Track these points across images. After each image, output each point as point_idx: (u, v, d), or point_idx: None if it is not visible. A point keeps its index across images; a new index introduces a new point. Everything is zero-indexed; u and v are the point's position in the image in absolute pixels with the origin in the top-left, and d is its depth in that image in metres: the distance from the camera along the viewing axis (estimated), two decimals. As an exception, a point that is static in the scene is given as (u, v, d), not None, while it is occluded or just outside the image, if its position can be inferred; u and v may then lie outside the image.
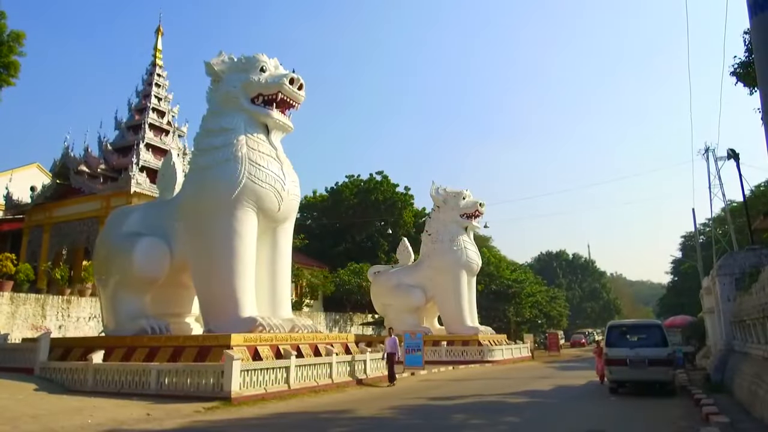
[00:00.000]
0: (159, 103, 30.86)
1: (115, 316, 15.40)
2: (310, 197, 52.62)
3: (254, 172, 14.55)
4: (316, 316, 36.22)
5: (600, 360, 15.76)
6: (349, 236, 50.20)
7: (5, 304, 21.49)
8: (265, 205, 14.75)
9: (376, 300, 31.15)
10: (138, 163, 26.52)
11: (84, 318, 23.71)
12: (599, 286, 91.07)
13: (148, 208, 17.20)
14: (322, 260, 45.44)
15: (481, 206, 29.75)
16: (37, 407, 10.62)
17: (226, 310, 14.01)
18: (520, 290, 43.66)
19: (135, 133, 29.39)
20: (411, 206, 52.05)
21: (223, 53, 16.01)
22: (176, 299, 16.75)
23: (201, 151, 15.27)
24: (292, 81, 15.16)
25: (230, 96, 15.23)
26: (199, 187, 14.80)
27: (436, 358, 25.72)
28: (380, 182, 51.10)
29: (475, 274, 30.17)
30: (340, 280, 39.87)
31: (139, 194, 25.30)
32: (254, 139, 15.05)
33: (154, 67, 31.80)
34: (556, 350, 38.41)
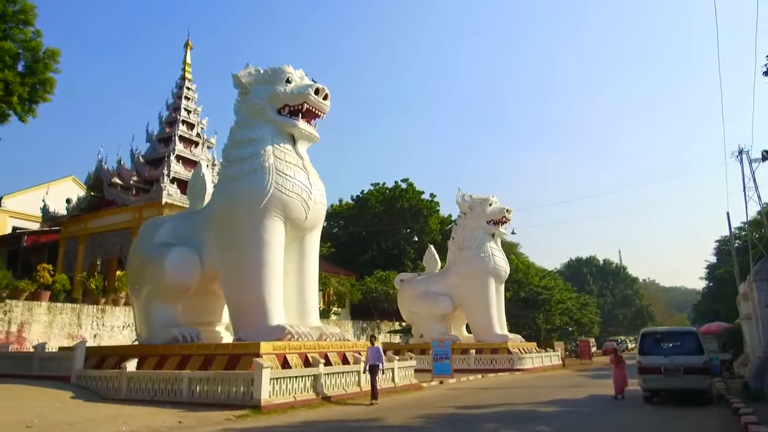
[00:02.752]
0: (188, 116, 31.51)
1: (147, 324, 15.71)
2: (336, 206, 52.95)
3: (281, 182, 14.73)
4: (343, 324, 36.32)
5: (618, 370, 14.70)
6: (375, 244, 50.29)
7: (43, 314, 22.13)
8: (292, 214, 14.90)
9: (403, 308, 31.10)
10: (169, 174, 27.07)
11: (118, 327, 24.25)
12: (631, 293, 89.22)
13: (178, 219, 17.55)
14: (349, 268, 45.60)
15: (508, 212, 29.51)
16: (74, 415, 10.89)
17: (256, 318, 14.17)
18: (549, 297, 43.05)
19: (166, 146, 30.06)
20: (437, 213, 51.92)
21: (249, 65, 16.30)
22: (207, 308, 17.01)
23: (229, 162, 15.54)
24: (317, 91, 15.33)
25: (257, 107, 15.47)
26: (228, 198, 15.05)
27: (464, 366, 25.51)
28: (405, 190, 51.14)
29: (503, 281, 29.89)
30: (367, 287, 39.93)
31: (170, 205, 25.82)
32: (281, 150, 15.24)
33: (183, 81, 32.52)
34: (587, 358, 37.72)
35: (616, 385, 14.63)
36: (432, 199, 51.85)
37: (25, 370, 16.06)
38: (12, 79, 23.74)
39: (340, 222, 53.23)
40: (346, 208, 53.32)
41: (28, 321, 21.65)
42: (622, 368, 14.72)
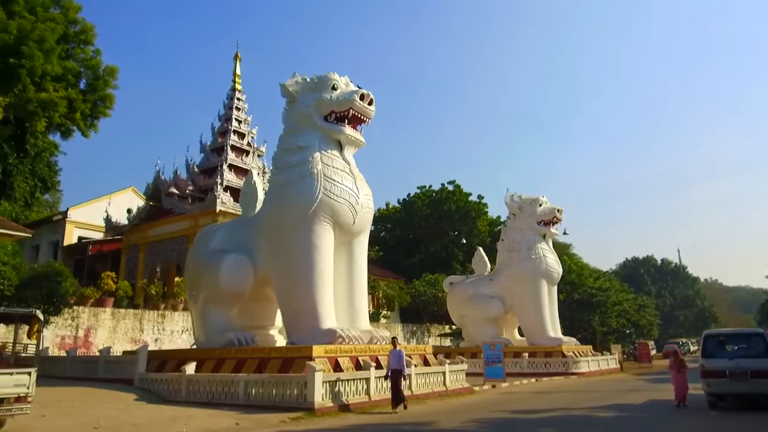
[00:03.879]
0: (239, 126, 32.43)
1: (204, 329, 16.24)
2: (383, 209, 53.20)
3: (329, 188, 14.94)
4: (393, 327, 36.40)
5: (678, 375, 13.58)
6: (423, 247, 50.20)
7: (107, 319, 23.22)
8: (340, 219, 15.09)
9: (453, 311, 30.88)
10: (222, 183, 27.92)
11: (177, 331, 25.16)
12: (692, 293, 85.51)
13: (232, 226, 18.07)
14: (397, 271, 45.68)
15: (559, 212, 28.86)
16: (137, 416, 11.38)
17: (307, 322, 14.40)
18: (605, 299, 41.78)
19: (218, 155, 31.03)
20: (485, 215, 51.34)
21: (296, 74, 16.63)
22: (260, 312, 17.42)
23: (279, 170, 15.89)
24: (362, 97, 15.48)
25: (304, 115, 15.77)
26: (278, 204, 15.39)
27: (517, 370, 25.09)
28: (452, 192, 50.83)
29: (555, 282, 29.23)
30: (416, 291, 39.88)
31: (224, 213, 26.61)
32: (328, 156, 15.46)
33: (233, 92, 33.51)
34: (647, 361, 36.39)
35: (677, 392, 13.57)
36: (480, 201, 51.33)
37: (91, 373, 16.89)
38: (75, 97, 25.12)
39: (388, 226, 53.42)
40: (393, 212, 53.48)
41: (94, 326, 22.76)
42: (684, 373, 13.82)
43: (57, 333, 21.60)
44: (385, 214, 53.13)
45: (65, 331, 21.95)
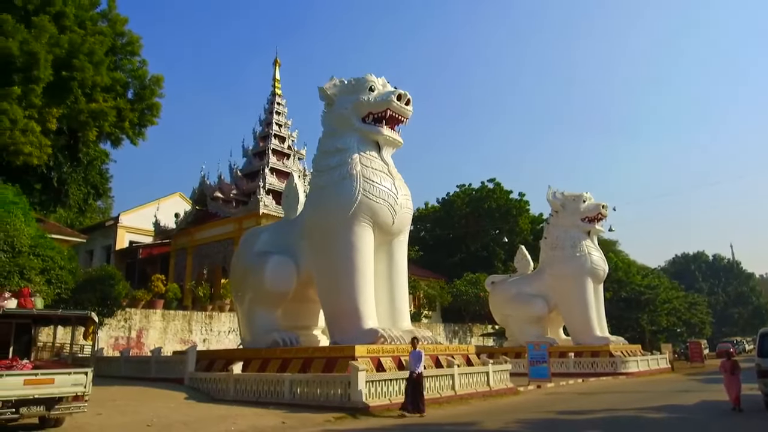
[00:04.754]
0: (280, 130, 33.02)
1: (250, 329, 16.62)
2: (422, 209, 53.11)
3: (369, 189, 15.05)
4: (435, 327, 36.32)
5: (732, 378, 12.64)
6: (463, 246, 49.87)
7: (158, 321, 24.03)
8: (380, 219, 15.18)
9: (496, 310, 30.56)
10: (264, 186, 28.48)
11: (224, 332, 25.82)
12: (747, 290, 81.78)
13: (275, 228, 18.42)
14: (438, 271, 45.54)
15: (604, 208, 28.17)
16: (187, 415, 11.75)
17: (349, 322, 14.55)
18: (653, 297, 40.54)
19: (260, 159, 31.67)
20: (527, 213, 50.61)
21: (334, 78, 16.82)
22: (304, 313, 17.71)
23: (319, 172, 16.12)
24: (399, 97, 15.53)
25: (343, 117, 15.93)
26: (319, 206, 15.60)
27: (563, 371, 24.62)
28: (492, 190, 50.31)
29: (601, 280, 28.54)
30: (457, 290, 39.66)
31: (267, 215, 27.14)
32: (367, 157, 15.58)
33: (273, 97, 34.14)
34: (699, 361, 35.08)
35: (730, 396, 12.69)
36: (521, 198, 50.63)
37: (144, 373, 17.53)
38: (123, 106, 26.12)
39: (427, 225, 53.31)
40: (433, 211, 53.34)
41: (145, 327, 23.61)
42: (737, 375, 12.72)
43: (111, 334, 22.51)
44: (424, 213, 53.04)
45: (119, 332, 22.85)
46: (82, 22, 24.23)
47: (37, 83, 20.83)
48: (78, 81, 22.48)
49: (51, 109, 22.51)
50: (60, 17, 22.99)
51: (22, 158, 21.39)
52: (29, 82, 20.64)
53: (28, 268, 15.63)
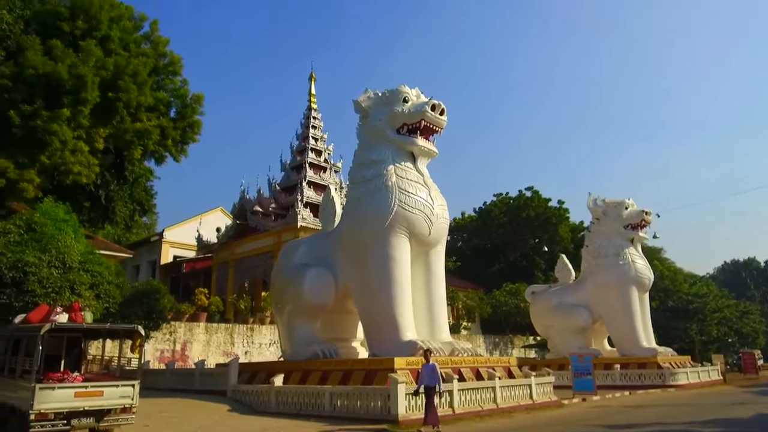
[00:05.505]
0: (316, 143, 33.47)
1: (290, 341, 16.78)
2: (459, 219, 52.75)
3: (404, 200, 15.07)
4: (474, 339, 35.88)
5: None
6: (502, 256, 49.24)
7: (201, 333, 24.52)
8: (416, 230, 15.15)
9: (537, 321, 29.98)
10: (302, 199, 28.86)
11: (265, 344, 26.14)
12: (804, 297, 77.95)
13: (313, 241, 18.62)
14: (477, 282, 45.03)
15: (647, 215, 27.38)
16: (231, 426, 11.93)
17: (388, 334, 14.52)
18: (702, 305, 39.02)
19: (298, 173, 32.14)
20: (567, 221, 49.66)
21: (368, 90, 16.97)
22: (343, 325, 17.78)
23: (355, 184, 16.24)
24: (433, 107, 15.53)
25: (377, 129, 16.04)
26: (355, 218, 15.70)
27: (609, 383, 23.92)
28: (531, 198, 49.61)
29: (647, 289, 27.68)
30: (497, 301, 39.10)
31: (305, 228, 27.46)
32: (402, 168, 15.62)
33: (309, 111, 34.67)
34: (753, 372, 33.54)
35: None
36: (560, 207, 49.74)
37: (188, 385, 17.89)
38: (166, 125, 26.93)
39: (464, 235, 52.90)
40: (470, 221, 52.92)
41: (189, 340, 24.12)
42: None
43: (156, 347, 23.07)
44: (461, 223, 52.66)
45: (164, 345, 23.40)
46: (127, 44, 25.18)
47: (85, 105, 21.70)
48: (123, 102, 23.31)
49: (98, 129, 23.41)
50: (105, 41, 23.95)
51: (72, 177, 22.28)
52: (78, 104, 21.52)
53: (78, 283, 16.21)
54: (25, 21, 23.76)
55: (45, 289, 15.43)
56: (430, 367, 11.84)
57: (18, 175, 20.48)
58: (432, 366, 11.83)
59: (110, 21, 24.41)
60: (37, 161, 20.88)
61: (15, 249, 15.86)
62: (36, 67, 20.62)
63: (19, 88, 20.73)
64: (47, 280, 15.53)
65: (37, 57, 20.93)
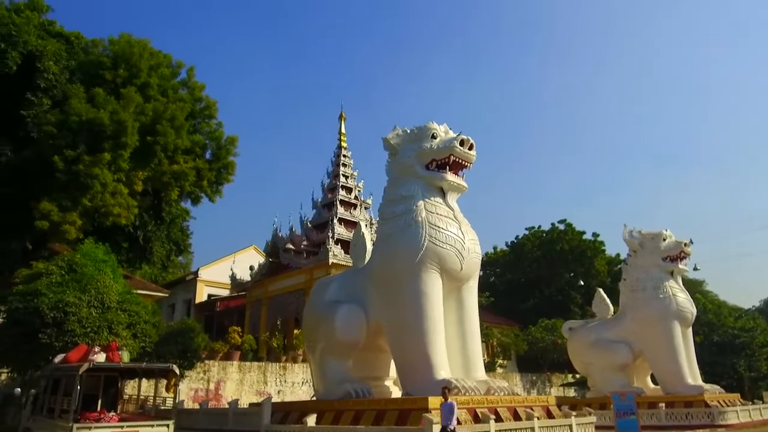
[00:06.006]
0: (346, 181, 33.93)
1: (323, 380, 16.63)
2: (491, 253, 52.21)
3: (435, 235, 15.01)
4: (511, 377, 34.95)
5: None
6: (536, 291, 48.31)
7: (235, 372, 24.56)
8: (447, 265, 15.03)
9: (575, 358, 29.05)
10: (333, 236, 29.08)
11: (298, 383, 25.99)
12: None
13: (344, 277, 18.63)
14: (511, 318, 44.17)
15: (686, 246, 26.56)
16: (264, 466, 11.76)
17: (421, 372, 14.27)
18: (749, 340, 37.24)
19: (329, 210, 32.51)
20: (602, 254, 48.65)
21: (397, 128, 17.20)
22: (375, 363, 17.56)
23: (385, 220, 16.30)
24: (462, 143, 15.60)
25: (406, 166, 16.16)
26: (386, 254, 15.69)
27: (654, 423, 22.83)
28: (564, 231, 48.89)
29: (689, 324, 26.62)
30: (533, 337, 38.16)
31: (336, 265, 27.58)
32: (432, 203, 15.63)
33: (339, 149, 35.30)
34: (811, 411, 31.58)
35: None
36: (595, 239, 48.84)
37: (222, 425, 17.80)
38: (202, 166, 27.77)
39: (497, 270, 52.23)
40: (502, 255, 52.30)
41: (223, 379, 24.17)
42: None
43: (191, 386, 23.17)
44: (493, 258, 52.09)
45: (198, 384, 23.50)
46: (165, 90, 26.31)
47: (125, 149, 22.61)
48: (161, 145, 24.21)
49: (137, 172, 24.29)
50: (145, 87, 25.08)
51: (112, 219, 23.05)
52: (118, 148, 22.43)
53: (115, 323, 16.54)
54: (71, 71, 25.13)
55: (84, 328, 15.78)
56: (449, 405, 11.75)
57: (61, 217, 21.30)
58: (450, 404, 11.73)
59: (150, 69, 25.62)
60: (79, 204, 21.72)
61: (56, 290, 16.35)
62: (80, 114, 21.67)
63: (64, 134, 21.78)
64: (86, 320, 15.90)
65: (81, 105, 22.02)
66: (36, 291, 16.16)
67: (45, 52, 23.31)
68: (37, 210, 21.18)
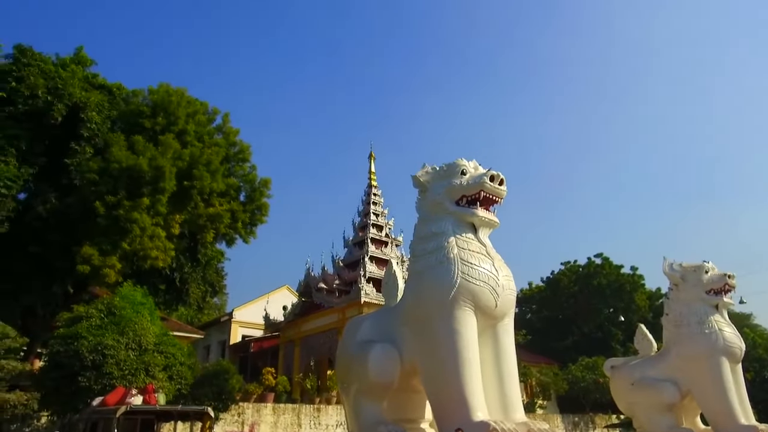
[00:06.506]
0: (377, 219, 34.10)
1: (356, 423, 16.29)
2: (526, 290, 51.23)
3: (467, 271, 14.80)
4: (551, 418, 33.70)
5: None
6: (574, 327, 46.98)
7: (269, 414, 24.37)
8: (481, 303, 14.76)
9: (619, 398, 27.75)
10: (365, 275, 29.06)
11: (332, 425, 25.59)
12: None
13: (376, 316, 18.46)
14: (549, 356, 42.92)
15: (731, 278, 25.37)
16: None
17: (458, 414, 13.87)
18: (807, 377, 35.26)
19: (360, 249, 32.61)
20: (642, 288, 47.23)
21: (426, 165, 17.25)
22: (410, 404, 17.16)
23: (416, 257, 16.20)
24: (492, 178, 15.53)
25: (436, 203, 16.12)
26: (418, 292, 15.52)
27: (707, 466, 21.58)
28: (601, 265, 47.77)
29: (739, 360, 25.22)
30: (573, 376, 36.90)
31: (368, 304, 27.45)
32: (463, 239, 15.49)
33: (369, 188, 35.63)
34: None
35: None
36: (634, 273, 47.51)
37: (256, 468, 17.63)
38: (236, 209, 28.39)
39: (533, 306, 51.14)
40: (537, 291, 51.26)
41: (257, 421, 23.98)
42: None
43: (225, 429, 23.04)
44: (528, 294, 51.08)
45: (232, 426, 23.35)
46: (201, 136, 27.25)
47: (163, 193, 23.36)
48: (197, 189, 24.93)
49: (174, 215, 24.98)
50: (182, 134, 26.05)
51: (150, 262, 23.62)
52: (156, 193, 23.19)
53: (152, 365, 16.73)
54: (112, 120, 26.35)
55: (122, 371, 16.00)
56: None
57: (101, 261, 21.96)
58: None
59: (187, 116, 26.67)
60: (119, 248, 22.39)
61: (96, 332, 16.69)
62: (120, 161, 22.58)
63: (105, 180, 22.67)
64: (124, 363, 16.13)
65: (122, 152, 22.96)
66: (76, 334, 16.52)
67: (88, 103, 24.54)
68: (79, 254, 21.90)
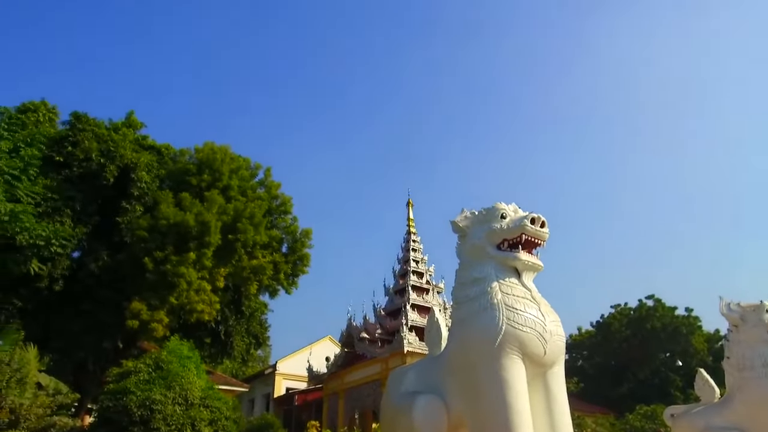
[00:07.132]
0: (417, 266, 33.90)
1: (404, 477, 15.81)
2: (575, 335, 49.42)
3: (512, 317, 14.43)
4: (611, 471, 31.74)
5: None
6: (629, 374, 44.76)
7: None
8: (529, 350, 14.30)
9: (683, 449, 26.17)
10: (407, 323, 28.69)
11: (377, 480, 24.80)
12: None
13: (420, 366, 18.05)
14: (604, 404, 40.83)
15: (795, 318, 24.09)
16: None
17: (509, 467, 13.30)
18: None
19: (401, 296, 32.35)
20: (699, 330, 44.89)
21: (464, 210, 17.17)
22: (458, 457, 16.58)
23: (458, 304, 15.91)
24: (533, 221, 15.32)
25: (477, 247, 15.92)
26: (461, 340, 15.16)
27: None
28: (653, 308, 45.78)
29: (812, 405, 23.57)
30: (631, 426, 34.87)
31: (411, 353, 26.97)
32: (507, 284, 15.17)
33: (409, 235, 35.64)
34: None
35: None
36: (689, 314, 45.29)
37: None
38: (279, 260, 28.80)
39: (584, 353, 49.14)
40: (587, 336, 49.34)
41: (302, 476, 23.52)
42: None
43: (271, 484, 22.67)
44: (578, 340, 49.23)
45: (278, 482, 22.96)
46: (244, 191, 28.10)
47: (208, 248, 23.99)
48: (241, 242, 25.52)
49: (219, 268, 25.52)
50: (227, 189, 26.93)
51: (196, 315, 24.05)
52: (202, 247, 23.84)
53: (198, 419, 16.74)
54: (160, 179, 27.53)
55: (169, 426, 16.06)
56: None
57: (149, 316, 22.50)
58: None
59: (230, 172, 27.63)
60: (166, 302, 22.93)
61: (144, 387, 16.90)
62: (168, 217, 23.44)
63: (154, 237, 23.50)
64: (171, 418, 16.20)
65: (169, 209, 23.86)
66: (125, 389, 16.76)
67: (138, 163, 25.78)
68: (129, 309, 22.53)
